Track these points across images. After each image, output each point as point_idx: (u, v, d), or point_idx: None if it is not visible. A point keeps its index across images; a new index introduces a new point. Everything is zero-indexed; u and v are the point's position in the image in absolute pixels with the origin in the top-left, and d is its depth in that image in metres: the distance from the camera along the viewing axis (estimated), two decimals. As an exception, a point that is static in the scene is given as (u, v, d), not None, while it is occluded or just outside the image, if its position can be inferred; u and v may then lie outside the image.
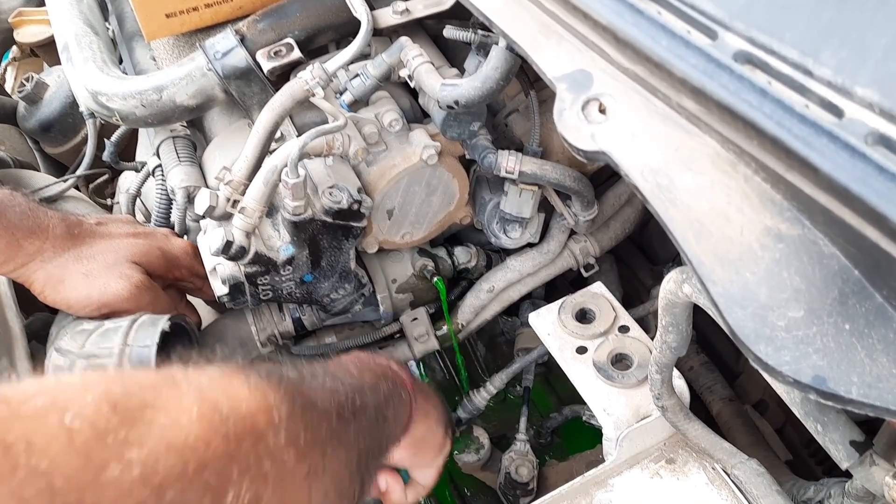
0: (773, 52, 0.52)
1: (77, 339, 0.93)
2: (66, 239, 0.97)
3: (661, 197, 0.55)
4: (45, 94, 1.71)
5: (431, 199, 1.08)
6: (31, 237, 0.94)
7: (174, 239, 1.09)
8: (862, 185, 0.44)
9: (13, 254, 0.93)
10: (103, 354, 0.89)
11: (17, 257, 0.93)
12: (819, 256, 0.49)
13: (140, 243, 1.02)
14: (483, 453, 1.27)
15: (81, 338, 0.92)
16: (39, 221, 0.96)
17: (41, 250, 0.95)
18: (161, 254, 1.03)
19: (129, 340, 0.89)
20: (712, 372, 1.28)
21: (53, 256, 0.95)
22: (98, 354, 0.89)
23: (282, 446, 0.51)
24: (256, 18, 1.03)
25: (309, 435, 0.54)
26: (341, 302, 1.12)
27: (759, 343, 0.48)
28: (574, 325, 0.96)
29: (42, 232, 0.95)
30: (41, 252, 0.95)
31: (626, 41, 0.59)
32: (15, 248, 0.93)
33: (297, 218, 0.94)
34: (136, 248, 1.01)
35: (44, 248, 0.95)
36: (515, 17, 0.72)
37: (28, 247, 0.94)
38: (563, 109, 0.62)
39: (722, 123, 0.54)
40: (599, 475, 0.87)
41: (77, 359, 0.90)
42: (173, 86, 1.01)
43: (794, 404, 0.72)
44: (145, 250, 1.02)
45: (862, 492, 0.74)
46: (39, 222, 0.95)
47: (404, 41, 0.96)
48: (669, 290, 0.65)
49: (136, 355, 0.88)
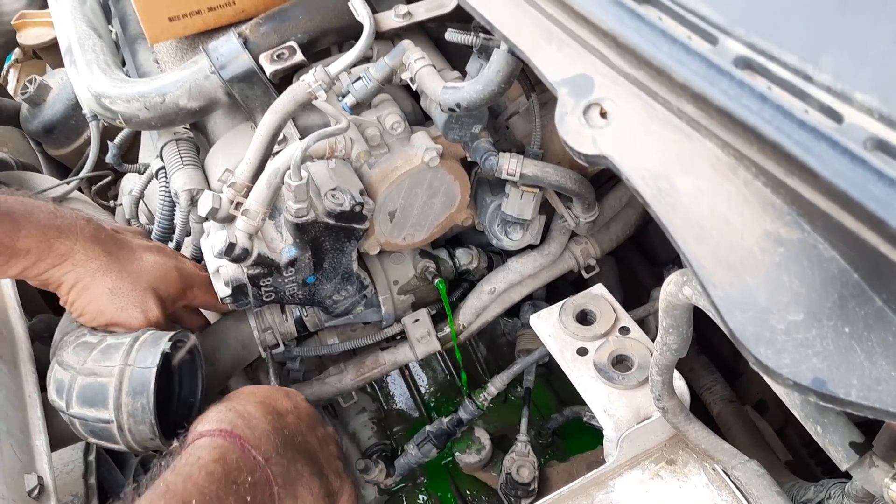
0: (772, 57, 0.52)
1: (79, 353, 0.93)
2: (94, 243, 0.97)
3: (661, 201, 0.55)
4: (47, 97, 1.71)
5: (433, 201, 1.09)
6: (61, 237, 0.94)
7: (185, 258, 1.09)
8: (861, 189, 0.44)
9: (45, 253, 0.93)
10: (104, 373, 0.89)
11: (49, 257, 0.94)
12: (819, 260, 0.50)
13: (161, 263, 1.02)
14: (484, 454, 1.27)
15: (84, 352, 0.92)
16: (68, 222, 0.96)
17: (72, 252, 0.95)
18: (178, 274, 1.03)
19: (129, 360, 0.90)
20: (712, 373, 1.29)
21: (85, 261, 0.95)
22: (99, 373, 0.90)
23: None
24: (259, 22, 1.03)
25: None
26: (343, 303, 1.12)
27: (759, 346, 0.48)
28: (575, 327, 0.96)
29: (71, 233, 0.95)
30: (72, 254, 0.95)
31: (627, 46, 0.60)
32: (46, 248, 0.93)
33: (300, 220, 0.94)
34: (158, 271, 1.01)
35: (75, 249, 0.95)
36: (517, 21, 0.73)
37: (59, 247, 0.94)
38: (565, 114, 0.62)
39: (722, 128, 0.54)
40: (600, 476, 0.87)
41: (78, 375, 0.90)
42: (176, 88, 1.02)
43: (794, 406, 0.73)
44: (165, 272, 1.02)
45: (861, 493, 0.74)
46: (68, 223, 0.96)
47: (406, 44, 0.96)
48: (670, 293, 0.65)
49: (137, 376, 0.88)
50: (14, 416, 0.92)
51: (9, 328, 1.05)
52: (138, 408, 0.88)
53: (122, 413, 0.88)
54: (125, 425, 0.88)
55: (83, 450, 1.02)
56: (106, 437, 0.90)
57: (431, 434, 1.27)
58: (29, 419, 0.94)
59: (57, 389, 0.91)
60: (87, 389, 0.89)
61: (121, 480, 1.06)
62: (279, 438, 0.83)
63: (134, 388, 0.88)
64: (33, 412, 0.95)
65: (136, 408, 0.88)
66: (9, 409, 0.92)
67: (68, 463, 1.01)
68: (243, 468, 0.77)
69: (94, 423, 0.89)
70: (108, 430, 0.89)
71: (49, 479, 0.87)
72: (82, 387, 0.90)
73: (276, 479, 0.79)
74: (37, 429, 0.93)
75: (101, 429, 0.89)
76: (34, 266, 0.94)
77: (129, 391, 0.88)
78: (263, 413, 0.85)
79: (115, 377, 0.88)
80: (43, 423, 0.94)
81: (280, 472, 0.80)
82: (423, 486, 1.32)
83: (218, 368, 1.12)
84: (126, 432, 0.89)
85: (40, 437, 0.92)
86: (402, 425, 1.39)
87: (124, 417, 0.88)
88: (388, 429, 1.37)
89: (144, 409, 0.88)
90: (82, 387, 0.90)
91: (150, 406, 0.88)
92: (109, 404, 0.88)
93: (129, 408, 0.88)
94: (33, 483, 0.85)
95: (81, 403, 0.89)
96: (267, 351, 1.14)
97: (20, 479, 0.84)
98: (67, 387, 0.90)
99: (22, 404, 0.95)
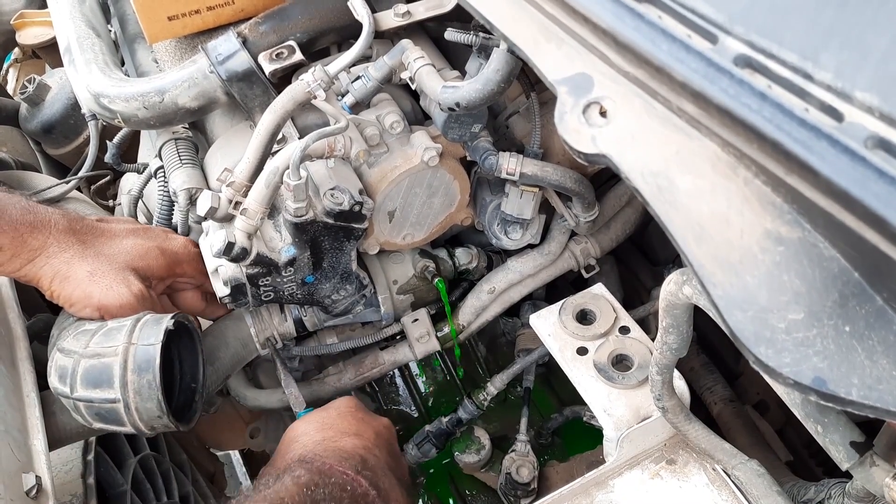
0: (772, 55, 0.52)
1: (80, 339, 0.93)
2: (68, 234, 0.97)
3: (661, 200, 0.55)
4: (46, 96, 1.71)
5: (432, 200, 1.09)
6: (34, 232, 0.94)
7: (173, 236, 1.10)
8: (862, 188, 0.44)
9: (18, 249, 0.94)
10: (108, 353, 0.89)
11: (23, 253, 0.94)
12: (819, 259, 0.50)
13: (141, 244, 1.03)
14: (484, 454, 1.27)
15: (85, 338, 0.92)
16: (41, 217, 0.96)
17: (45, 245, 0.95)
18: (160, 253, 1.04)
19: (133, 339, 0.90)
20: (713, 373, 1.29)
21: (59, 252, 0.96)
22: (102, 354, 0.89)
23: None
24: (258, 21, 1.03)
25: None
26: (342, 303, 1.12)
27: (759, 345, 0.48)
28: (575, 326, 0.96)
29: (45, 227, 0.96)
30: (46, 248, 0.95)
31: (627, 45, 0.60)
32: (19, 244, 0.94)
33: (299, 219, 0.94)
34: (137, 251, 1.02)
35: (48, 242, 0.95)
36: (516, 20, 0.73)
37: (32, 242, 0.94)
38: (564, 113, 0.62)
39: (722, 127, 0.54)
40: (600, 476, 0.87)
41: (81, 358, 0.90)
42: (175, 88, 1.02)
43: (794, 405, 0.73)
44: (145, 252, 1.02)
45: (862, 492, 0.74)
46: (41, 217, 0.96)
47: (406, 43, 0.96)
48: (670, 292, 0.65)
49: (141, 353, 0.88)
50: (12, 416, 0.92)
51: (7, 327, 1.04)
52: (144, 384, 0.87)
53: (128, 391, 0.87)
54: (132, 403, 0.88)
55: (82, 449, 1.02)
56: (112, 419, 0.90)
57: (431, 434, 1.27)
58: (27, 419, 0.94)
59: (60, 376, 0.91)
60: (91, 371, 0.89)
61: (120, 480, 1.06)
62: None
63: (139, 365, 0.88)
64: (32, 412, 0.95)
65: (142, 384, 0.87)
66: (7, 409, 0.92)
67: (67, 462, 1.00)
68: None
69: (101, 404, 0.88)
70: (115, 411, 0.89)
71: (47, 479, 0.87)
72: (86, 369, 0.89)
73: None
74: (35, 428, 0.93)
75: (107, 409, 0.89)
76: (9, 262, 0.94)
77: (135, 368, 0.88)
78: (387, 457, 0.92)
79: (120, 356, 0.88)
80: (41, 422, 0.94)
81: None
82: (423, 486, 1.32)
83: (218, 367, 1.12)
84: (133, 411, 0.88)
85: (38, 437, 0.92)
86: (402, 425, 1.39)
87: (130, 395, 0.88)
88: (387, 429, 1.37)
89: (151, 385, 0.87)
90: (86, 369, 0.89)
91: (156, 382, 0.87)
92: (115, 383, 0.87)
93: (135, 385, 0.87)
94: (31, 483, 0.84)
95: (86, 385, 0.89)
96: (269, 346, 1.13)
97: (18, 479, 0.84)
98: (71, 371, 0.90)
99: (20, 404, 0.95)
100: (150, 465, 1.14)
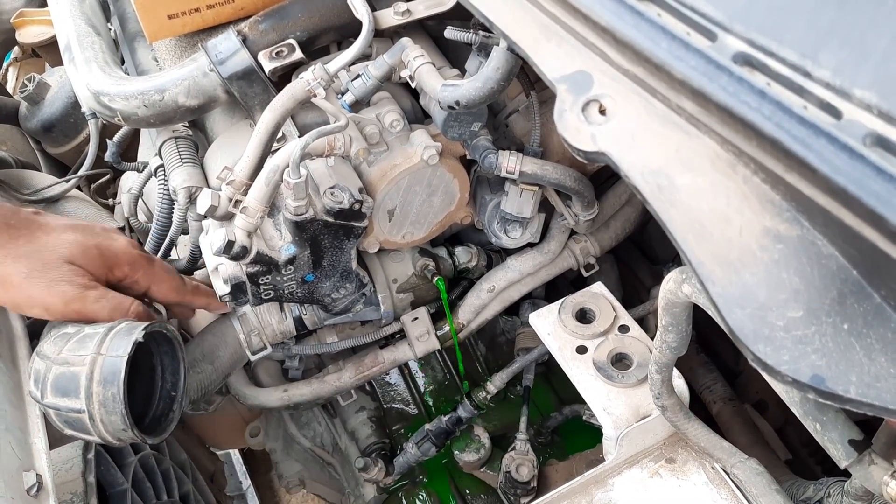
0: (772, 53, 0.52)
1: (57, 343, 0.91)
2: (2, 230, 0.91)
3: (660, 198, 0.55)
4: (46, 95, 1.71)
5: (432, 199, 1.09)
6: None
7: (115, 235, 1.02)
8: (860, 186, 0.44)
9: None
10: (76, 362, 0.87)
11: None
12: (818, 257, 0.50)
13: (79, 241, 0.96)
14: (483, 452, 1.27)
15: (61, 343, 0.91)
16: None
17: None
18: (98, 252, 0.97)
19: (102, 349, 0.88)
20: (712, 371, 1.29)
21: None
22: (72, 362, 0.88)
23: None
24: (258, 19, 1.03)
25: None
26: (342, 301, 1.12)
27: (758, 343, 0.48)
28: (574, 325, 0.96)
29: None
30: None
31: (626, 43, 0.60)
32: None
33: (299, 218, 0.94)
34: (73, 248, 0.95)
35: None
36: (516, 19, 0.73)
37: None
38: (564, 111, 0.62)
39: (721, 125, 0.54)
40: (599, 474, 0.87)
41: (53, 364, 0.89)
42: (175, 86, 1.02)
43: (793, 404, 0.73)
44: (82, 249, 0.95)
45: (861, 491, 0.74)
46: None
47: (405, 42, 0.96)
48: (669, 290, 0.65)
49: (108, 365, 0.87)
50: (13, 414, 0.92)
51: (7, 326, 1.04)
52: (109, 397, 0.86)
53: (93, 402, 0.86)
54: (97, 415, 0.86)
55: (82, 448, 1.02)
56: (79, 428, 0.89)
57: (431, 432, 1.27)
58: (28, 417, 0.94)
59: (35, 380, 0.90)
60: (60, 379, 0.88)
61: (120, 479, 1.06)
62: None
63: (105, 378, 0.86)
64: (32, 410, 0.95)
65: (106, 397, 0.86)
66: (7, 407, 0.92)
67: (67, 461, 1.00)
68: None
69: (67, 412, 0.87)
70: (81, 421, 0.87)
71: (48, 477, 0.87)
72: (56, 376, 0.88)
73: None
74: (35, 427, 0.93)
75: (73, 419, 0.88)
76: None
77: (101, 380, 0.86)
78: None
79: (87, 366, 0.87)
80: (42, 421, 0.94)
81: None
82: (423, 485, 1.32)
83: (217, 367, 1.12)
84: (98, 423, 0.87)
85: (39, 435, 0.92)
86: (402, 424, 1.39)
87: (95, 407, 0.86)
88: (387, 427, 1.37)
89: (115, 399, 0.86)
90: (56, 376, 0.88)
91: (120, 395, 0.85)
92: (81, 394, 0.86)
93: (100, 397, 0.86)
94: (32, 481, 0.84)
95: (55, 393, 0.88)
96: (254, 356, 1.13)
97: (19, 477, 0.84)
98: (42, 377, 0.89)
99: (21, 402, 0.95)
100: (150, 464, 1.14)
